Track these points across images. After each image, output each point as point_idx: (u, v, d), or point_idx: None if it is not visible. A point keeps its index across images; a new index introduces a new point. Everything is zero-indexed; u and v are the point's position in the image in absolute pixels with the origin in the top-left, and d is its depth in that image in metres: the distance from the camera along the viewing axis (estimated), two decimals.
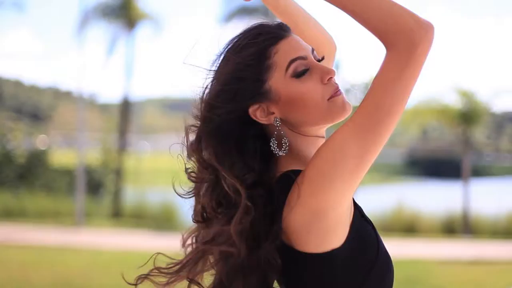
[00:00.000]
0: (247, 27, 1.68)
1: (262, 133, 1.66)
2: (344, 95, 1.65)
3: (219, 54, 1.68)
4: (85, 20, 20.68)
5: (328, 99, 1.61)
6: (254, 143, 1.63)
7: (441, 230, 17.33)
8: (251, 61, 1.61)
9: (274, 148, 1.63)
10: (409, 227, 17.28)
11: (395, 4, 1.49)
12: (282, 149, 1.63)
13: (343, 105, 1.62)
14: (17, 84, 70.60)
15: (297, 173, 1.59)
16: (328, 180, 1.50)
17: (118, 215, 20.61)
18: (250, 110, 1.62)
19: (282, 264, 1.59)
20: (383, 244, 1.65)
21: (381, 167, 47.94)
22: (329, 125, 1.70)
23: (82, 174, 18.42)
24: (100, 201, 22.37)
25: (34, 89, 70.70)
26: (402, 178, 43.84)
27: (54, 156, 25.56)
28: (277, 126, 1.63)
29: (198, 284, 1.66)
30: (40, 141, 29.28)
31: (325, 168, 1.50)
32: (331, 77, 1.62)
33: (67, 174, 22.63)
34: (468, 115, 17.72)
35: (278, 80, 1.61)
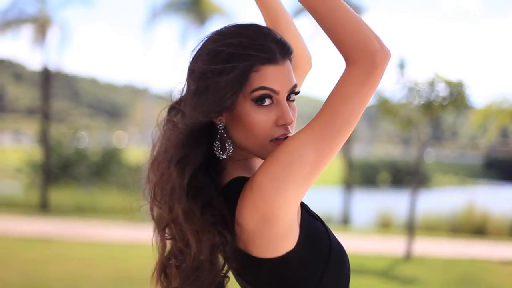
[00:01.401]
0: (255, 29, 1.65)
1: (210, 137, 1.67)
2: None
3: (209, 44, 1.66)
4: (154, 16, 20.76)
5: (271, 140, 1.63)
6: (202, 146, 1.65)
7: (510, 233, 16.96)
8: (233, 72, 1.59)
9: (218, 151, 1.66)
10: (479, 229, 16.98)
11: (365, 24, 1.54)
12: (226, 152, 1.66)
13: None
14: (93, 82, 72.02)
15: (245, 179, 1.62)
16: (282, 185, 1.52)
17: None
18: None
19: (242, 271, 1.65)
20: (334, 237, 1.70)
21: (459, 169, 47.15)
22: (255, 158, 1.74)
23: None
24: None
25: (110, 86, 71.97)
26: (479, 180, 43.09)
27: (129, 153, 25.87)
28: (220, 129, 1.65)
29: None
30: (117, 137, 29.76)
31: (280, 172, 1.53)
32: (284, 124, 1.63)
33: (141, 171, 22.83)
34: None
35: (241, 95, 1.62)
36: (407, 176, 35.29)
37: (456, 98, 12.47)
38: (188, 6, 23.08)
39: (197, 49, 1.68)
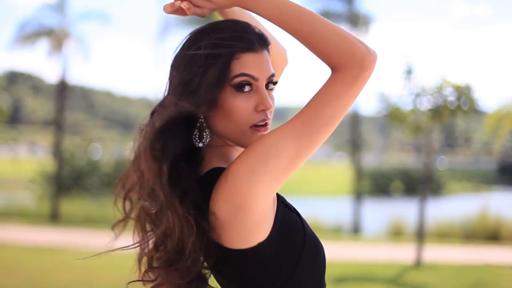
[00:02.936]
0: (234, 23, 1.69)
1: (189, 126, 1.67)
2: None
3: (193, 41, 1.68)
4: (167, 29, 20.85)
5: (251, 127, 1.66)
6: (182, 134, 1.65)
7: None
8: (214, 62, 1.62)
9: (195, 139, 1.66)
10: (493, 235, 16.83)
11: (346, 31, 1.60)
12: (203, 141, 1.67)
13: None
14: (108, 94, 72.60)
15: (222, 170, 1.63)
16: (256, 176, 1.54)
17: None
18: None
19: (214, 262, 1.65)
20: (309, 229, 1.72)
21: (473, 175, 46.95)
22: (235, 146, 1.75)
23: None
24: None
25: (124, 99, 72.58)
26: (493, 186, 42.87)
27: None
28: (201, 118, 1.66)
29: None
30: (129, 148, 29.93)
31: (256, 163, 1.54)
32: (264, 109, 1.66)
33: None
34: None
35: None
36: (420, 185, 35.12)
37: (464, 102, 12.37)
38: (200, 19, 23.13)
39: (178, 50, 1.70)
